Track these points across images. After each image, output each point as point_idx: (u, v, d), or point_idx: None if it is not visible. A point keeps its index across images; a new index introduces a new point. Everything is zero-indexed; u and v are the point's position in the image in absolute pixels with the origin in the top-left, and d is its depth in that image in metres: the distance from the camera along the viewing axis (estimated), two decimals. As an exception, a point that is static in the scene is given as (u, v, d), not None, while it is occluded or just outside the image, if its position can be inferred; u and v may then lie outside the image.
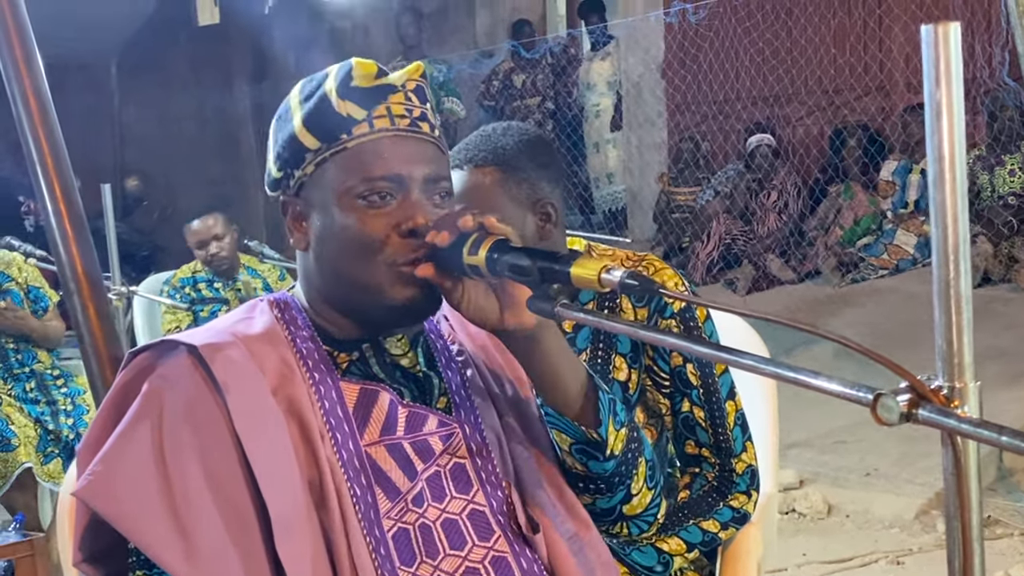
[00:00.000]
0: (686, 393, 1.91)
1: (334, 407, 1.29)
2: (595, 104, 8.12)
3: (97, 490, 1.21)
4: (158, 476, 1.21)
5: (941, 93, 1.04)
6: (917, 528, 4.16)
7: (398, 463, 1.30)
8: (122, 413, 1.25)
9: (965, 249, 1.05)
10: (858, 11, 6.95)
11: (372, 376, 1.34)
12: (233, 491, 1.22)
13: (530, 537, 1.33)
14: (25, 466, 4.06)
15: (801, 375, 0.99)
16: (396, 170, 1.29)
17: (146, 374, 1.27)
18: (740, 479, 1.93)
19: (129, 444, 1.23)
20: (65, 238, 1.99)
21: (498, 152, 1.82)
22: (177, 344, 1.28)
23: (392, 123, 1.31)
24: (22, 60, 2.07)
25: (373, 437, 1.30)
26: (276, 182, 1.37)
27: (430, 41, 8.71)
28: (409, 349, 1.37)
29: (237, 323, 1.34)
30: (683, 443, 1.95)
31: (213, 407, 1.24)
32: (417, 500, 1.30)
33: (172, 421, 1.23)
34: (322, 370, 1.31)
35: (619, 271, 1.13)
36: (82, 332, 1.99)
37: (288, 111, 1.35)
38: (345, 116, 1.29)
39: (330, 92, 1.30)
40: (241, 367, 1.26)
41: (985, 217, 6.17)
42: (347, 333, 1.35)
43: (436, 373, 1.38)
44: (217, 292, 4.67)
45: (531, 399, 1.42)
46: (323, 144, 1.30)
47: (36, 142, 2.01)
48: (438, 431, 1.33)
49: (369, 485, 1.27)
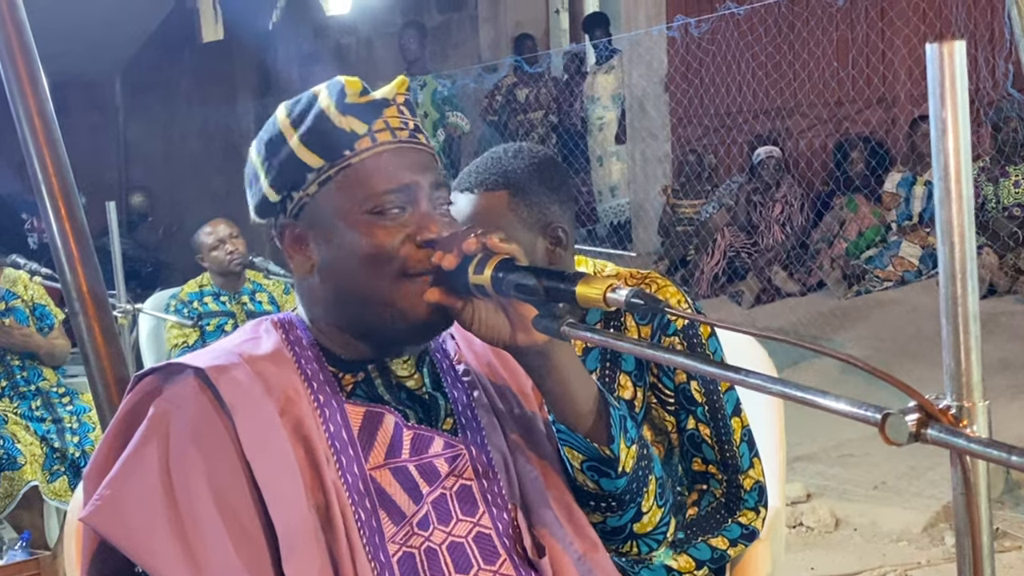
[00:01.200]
0: (691, 410, 1.91)
1: (339, 430, 1.28)
2: (599, 117, 8.14)
3: (104, 515, 1.21)
4: (165, 499, 1.20)
5: (947, 111, 1.04)
6: (925, 541, 4.15)
7: (403, 486, 1.29)
8: (129, 436, 1.25)
9: (972, 267, 1.05)
10: (860, 24, 6.96)
11: (377, 398, 1.33)
12: (241, 513, 1.21)
13: (536, 561, 1.32)
14: (31, 484, 4.06)
15: (808, 394, 0.99)
16: (404, 181, 1.29)
17: (152, 397, 1.27)
18: (748, 495, 1.92)
19: (136, 468, 1.22)
20: (70, 258, 1.98)
21: (509, 175, 1.81)
22: (183, 367, 1.28)
23: (393, 136, 1.30)
24: (27, 80, 2.08)
25: (378, 460, 1.29)
26: (271, 207, 1.34)
27: (434, 56, 8.73)
28: (415, 371, 1.36)
29: (243, 343, 1.33)
30: (690, 460, 1.95)
31: (220, 429, 1.23)
32: (422, 524, 1.29)
33: (179, 444, 1.22)
34: (327, 392, 1.30)
35: (624, 290, 1.13)
36: (87, 352, 1.98)
37: (279, 133, 1.32)
38: (348, 132, 1.28)
39: (328, 109, 1.29)
40: (247, 389, 1.25)
41: (990, 229, 6.17)
42: (353, 354, 1.34)
43: (442, 394, 1.38)
44: (224, 306, 4.66)
45: (538, 418, 1.42)
46: (326, 162, 1.29)
47: (41, 163, 2.01)
48: (444, 453, 1.33)
49: (374, 509, 1.26)
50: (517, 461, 1.37)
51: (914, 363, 5.37)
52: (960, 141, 1.04)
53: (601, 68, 8.18)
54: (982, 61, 6.27)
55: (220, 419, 1.24)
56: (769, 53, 7.04)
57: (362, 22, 9.65)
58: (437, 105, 7.81)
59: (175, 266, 9.09)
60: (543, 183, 1.82)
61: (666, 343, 1.88)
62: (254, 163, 1.36)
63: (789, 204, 7.06)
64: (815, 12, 6.83)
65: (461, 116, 7.91)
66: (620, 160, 8.11)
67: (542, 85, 8.21)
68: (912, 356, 5.48)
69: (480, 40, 8.93)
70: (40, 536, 4.11)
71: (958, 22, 6.21)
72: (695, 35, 6.82)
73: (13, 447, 4.05)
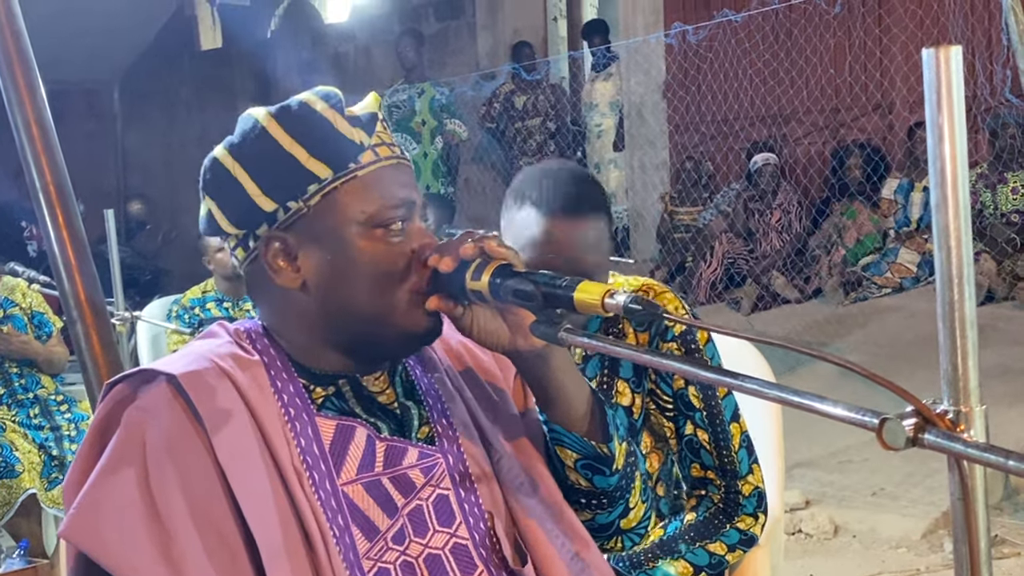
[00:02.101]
0: (689, 416, 1.91)
1: (310, 444, 1.26)
2: (597, 124, 8.15)
3: (82, 528, 1.19)
4: (143, 511, 1.18)
5: (943, 116, 1.04)
6: (924, 548, 4.14)
7: (376, 501, 1.27)
8: (104, 446, 1.23)
9: (969, 273, 1.05)
10: (857, 31, 6.97)
11: (349, 411, 1.31)
12: (219, 523, 1.20)
13: (517, 569, 1.31)
14: (29, 492, 4.05)
15: (806, 399, 0.99)
16: (405, 196, 1.29)
17: (124, 405, 1.24)
18: (747, 501, 1.92)
19: (112, 479, 1.20)
20: (68, 266, 1.98)
21: (596, 200, 1.80)
22: (156, 373, 1.25)
23: (391, 151, 1.31)
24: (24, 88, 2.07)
25: (350, 475, 1.27)
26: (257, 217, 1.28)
27: (432, 63, 8.73)
28: (387, 385, 1.35)
29: (218, 346, 1.31)
30: (689, 466, 1.95)
31: (195, 438, 1.21)
32: (397, 537, 1.27)
33: (155, 455, 1.20)
34: (297, 405, 1.28)
35: (622, 295, 1.13)
36: (85, 360, 1.98)
37: (272, 141, 1.27)
38: (357, 143, 1.27)
39: (335, 119, 1.27)
40: (221, 395, 1.23)
41: (988, 235, 6.17)
42: (327, 367, 1.32)
43: (415, 402, 1.36)
44: (226, 312, 4.66)
45: (519, 420, 1.41)
46: (334, 173, 1.26)
47: (39, 170, 2.01)
48: (419, 463, 1.31)
49: (347, 526, 1.24)
50: (502, 466, 1.36)
51: (913, 369, 5.37)
52: (957, 147, 1.04)
53: (600, 75, 8.19)
54: (979, 67, 6.27)
55: (194, 428, 1.22)
56: (766, 60, 7.05)
57: (360, 30, 9.66)
58: (435, 112, 7.82)
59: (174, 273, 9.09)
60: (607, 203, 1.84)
61: (664, 349, 1.89)
62: (230, 171, 1.30)
63: (787, 211, 7.06)
64: (812, 19, 6.84)
65: (459, 123, 7.91)
66: (618, 167, 8.12)
67: (540, 92, 8.22)
68: (911, 362, 5.47)
69: (478, 47, 8.93)
70: (38, 544, 4.11)
71: (955, 29, 6.22)
72: (692, 42, 6.82)
73: (11, 455, 4.05)
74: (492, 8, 8.84)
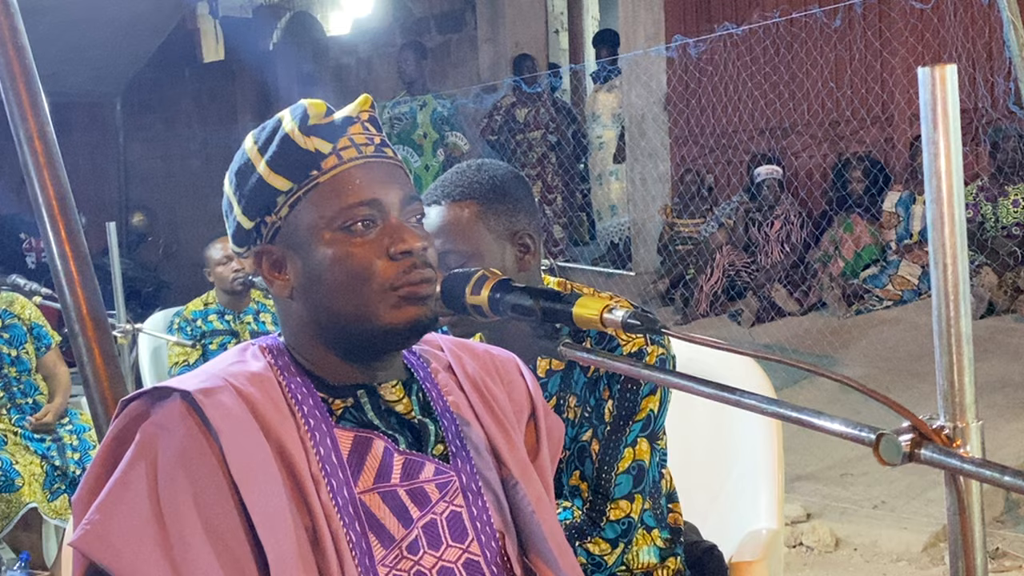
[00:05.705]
0: (595, 426, 1.86)
1: (329, 453, 1.29)
2: (599, 136, 8.17)
3: (94, 540, 1.21)
4: (155, 524, 1.20)
5: (939, 133, 1.05)
6: (925, 561, 4.14)
7: (392, 510, 1.30)
8: (117, 461, 1.25)
9: (965, 289, 1.05)
10: (857, 44, 6.98)
11: (367, 423, 1.34)
12: (230, 537, 1.21)
13: None
14: (29, 506, 4.05)
15: (803, 415, 0.99)
16: (372, 195, 1.30)
17: (139, 421, 1.27)
18: (610, 526, 1.83)
19: (125, 492, 1.22)
20: (70, 279, 1.99)
21: (475, 187, 1.86)
22: (170, 390, 1.28)
23: (359, 151, 1.32)
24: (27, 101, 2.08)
25: (367, 484, 1.30)
26: (247, 235, 1.35)
27: (433, 76, 8.76)
28: (404, 396, 1.37)
29: (230, 366, 1.33)
30: (571, 473, 1.88)
31: (208, 453, 1.23)
32: (412, 547, 1.29)
33: (167, 468, 1.22)
34: (316, 417, 1.31)
35: (621, 311, 1.14)
36: (87, 373, 1.98)
37: (247, 162, 1.34)
38: (313, 152, 1.30)
39: (292, 132, 1.30)
40: (234, 412, 1.25)
41: (989, 247, 6.17)
42: (341, 379, 1.35)
43: (432, 419, 1.38)
44: (227, 324, 4.66)
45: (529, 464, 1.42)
46: (294, 184, 1.30)
47: (41, 183, 2.02)
48: (435, 479, 1.34)
49: (363, 532, 1.27)
50: (514, 494, 1.38)
51: (914, 382, 5.37)
52: (952, 164, 1.05)
53: (603, 87, 8.22)
54: (980, 80, 6.28)
55: (207, 442, 1.24)
56: (767, 73, 7.07)
57: (362, 43, 9.69)
58: (436, 125, 7.83)
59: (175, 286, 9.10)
60: (508, 193, 1.87)
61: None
62: (227, 193, 1.37)
63: (788, 223, 7.07)
64: (812, 32, 6.86)
65: (460, 136, 7.92)
66: (620, 179, 8.13)
67: (541, 105, 8.24)
68: (913, 374, 5.47)
69: (480, 60, 8.96)
70: (38, 556, 4.11)
71: (955, 42, 6.23)
72: (693, 55, 6.84)
73: (11, 469, 4.05)
74: (494, 21, 8.87)
